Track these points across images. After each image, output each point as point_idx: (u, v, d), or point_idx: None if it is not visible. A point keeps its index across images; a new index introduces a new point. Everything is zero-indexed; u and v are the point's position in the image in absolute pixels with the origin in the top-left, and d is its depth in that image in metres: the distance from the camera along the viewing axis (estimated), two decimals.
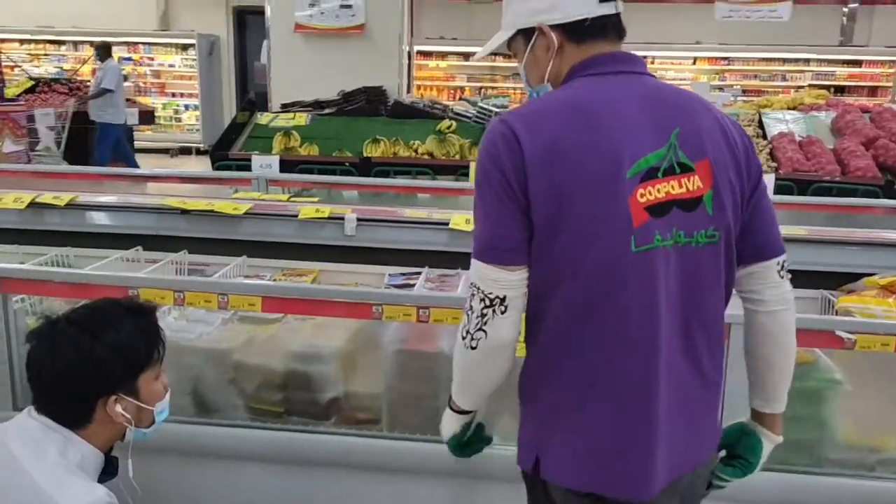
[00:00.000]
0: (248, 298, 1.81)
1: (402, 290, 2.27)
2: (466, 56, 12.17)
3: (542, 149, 1.13)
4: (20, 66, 9.45)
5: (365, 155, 5.28)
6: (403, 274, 2.52)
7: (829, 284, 2.52)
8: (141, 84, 12.43)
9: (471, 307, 1.18)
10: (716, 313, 1.24)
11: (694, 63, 11.99)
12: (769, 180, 4.45)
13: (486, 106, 5.85)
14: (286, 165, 4.99)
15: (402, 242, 2.64)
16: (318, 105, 6.29)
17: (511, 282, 1.16)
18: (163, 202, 2.62)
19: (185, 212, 2.63)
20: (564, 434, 1.19)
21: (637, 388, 1.16)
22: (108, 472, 1.45)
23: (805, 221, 2.92)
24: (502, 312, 1.16)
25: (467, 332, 1.19)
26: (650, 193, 1.15)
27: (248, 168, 4.96)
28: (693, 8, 12.24)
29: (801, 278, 2.49)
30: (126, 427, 1.42)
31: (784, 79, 11.92)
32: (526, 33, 1.28)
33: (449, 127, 5.43)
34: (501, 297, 1.16)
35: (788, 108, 6.19)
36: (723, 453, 1.36)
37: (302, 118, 5.85)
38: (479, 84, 11.88)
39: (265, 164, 5.07)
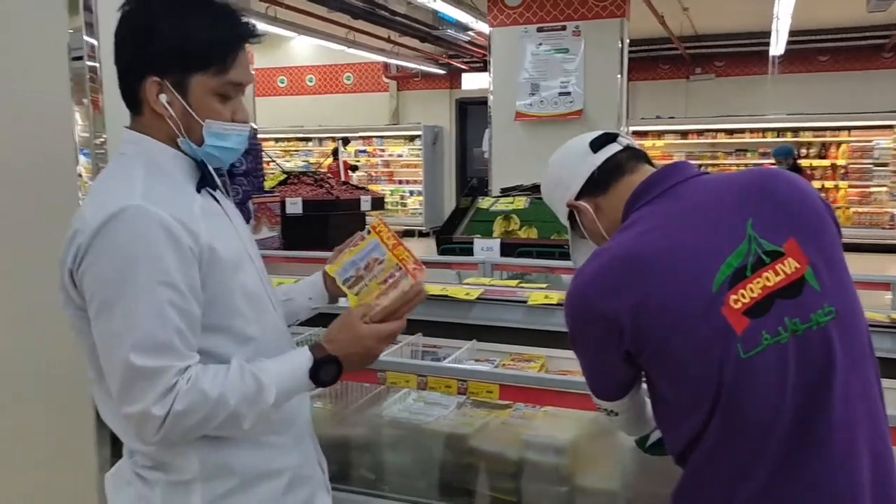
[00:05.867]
0: (486, 386, 1.86)
1: None
2: (684, 134, 11.87)
3: (627, 314, 1.15)
4: (275, 162, 10.79)
5: None
6: None
7: None
8: (373, 173, 13.63)
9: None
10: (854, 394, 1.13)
11: None
12: None
13: None
14: (506, 248, 5.16)
15: None
16: (536, 188, 6.46)
17: (617, 405, 1.33)
18: None
19: None
20: None
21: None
22: (209, 183, 1.31)
23: None
24: (616, 415, 1.36)
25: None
26: (743, 297, 1.12)
27: (469, 251, 5.20)
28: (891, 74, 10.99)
29: None
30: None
31: None
32: (573, 217, 1.41)
33: None
34: (611, 409, 1.35)
35: None
36: None
37: (521, 202, 6.02)
38: (698, 162, 11.49)
39: (486, 247, 5.28)
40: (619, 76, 6.88)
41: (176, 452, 1.23)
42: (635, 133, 11.54)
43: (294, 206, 8.11)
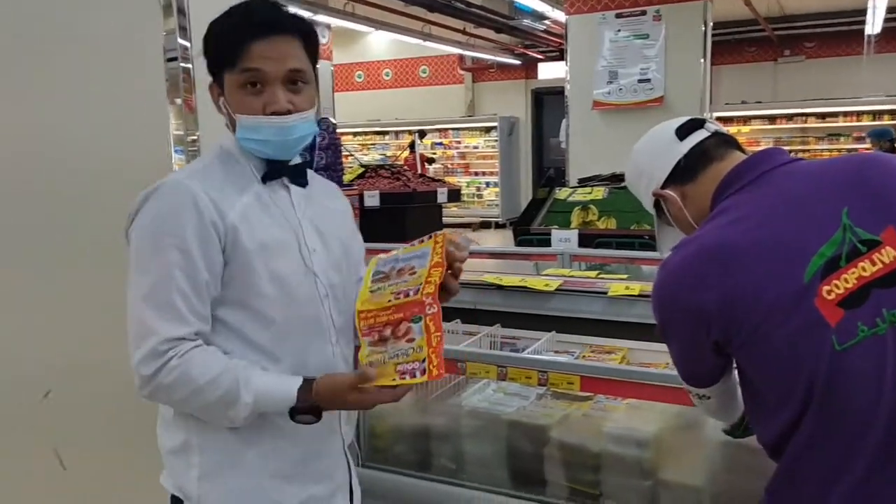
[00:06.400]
0: (567, 377, 1.85)
1: None
2: (772, 119, 11.41)
3: (714, 306, 1.12)
4: (353, 155, 10.98)
5: None
6: None
7: None
8: (449, 165, 13.69)
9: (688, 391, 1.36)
10: None
11: None
12: None
13: None
14: (584, 239, 5.09)
15: None
16: (615, 178, 6.34)
17: (709, 390, 1.30)
18: (482, 279, 2.81)
19: (500, 287, 2.79)
20: None
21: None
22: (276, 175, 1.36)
23: None
24: (708, 399, 1.33)
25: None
26: (837, 287, 1.07)
27: (547, 242, 5.16)
28: None
29: None
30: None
31: None
32: (660, 208, 1.38)
33: None
34: (703, 394, 1.32)
35: None
36: None
37: (599, 192, 5.92)
38: (788, 147, 11.02)
39: (564, 237, 5.21)
40: (701, 61, 6.68)
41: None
42: (719, 119, 11.14)
43: (372, 199, 8.24)
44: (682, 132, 1.33)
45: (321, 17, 8.76)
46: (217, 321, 1.28)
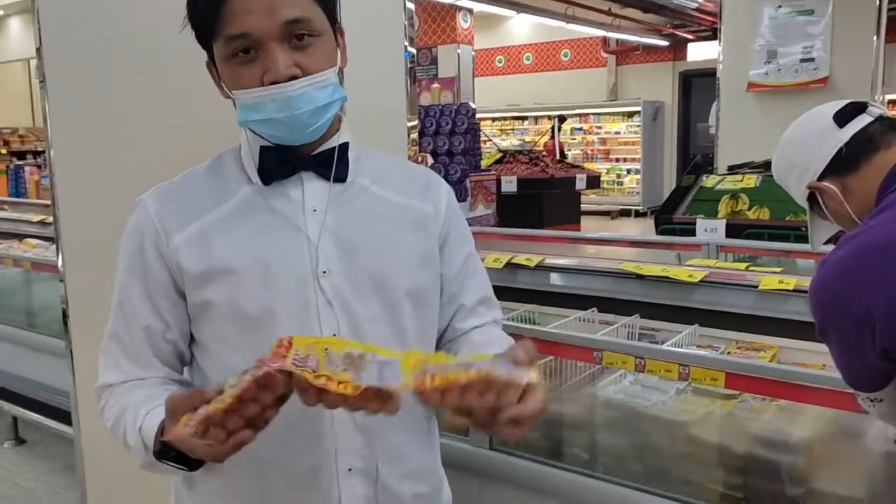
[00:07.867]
0: (710, 373, 1.75)
1: None
2: None
3: (882, 309, 1.02)
4: (492, 140, 11.01)
5: None
6: None
7: None
8: (589, 151, 13.43)
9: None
10: None
11: None
12: None
13: None
14: (732, 230, 4.82)
15: None
16: (769, 166, 5.95)
17: (879, 393, 1.17)
18: (620, 267, 2.73)
19: (639, 277, 2.69)
20: None
21: None
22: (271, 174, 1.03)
23: None
24: (879, 401, 1.20)
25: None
26: None
27: (691, 231, 4.93)
28: None
29: None
30: None
31: None
32: (814, 200, 1.28)
33: None
34: (872, 398, 1.20)
35: None
36: None
37: (751, 180, 5.58)
38: None
39: (710, 227, 4.97)
40: (874, 38, 6.09)
41: None
42: (892, 102, 10.18)
43: (509, 185, 8.24)
44: (842, 118, 1.22)
45: (463, 2, 8.82)
46: (194, 359, 1.09)
